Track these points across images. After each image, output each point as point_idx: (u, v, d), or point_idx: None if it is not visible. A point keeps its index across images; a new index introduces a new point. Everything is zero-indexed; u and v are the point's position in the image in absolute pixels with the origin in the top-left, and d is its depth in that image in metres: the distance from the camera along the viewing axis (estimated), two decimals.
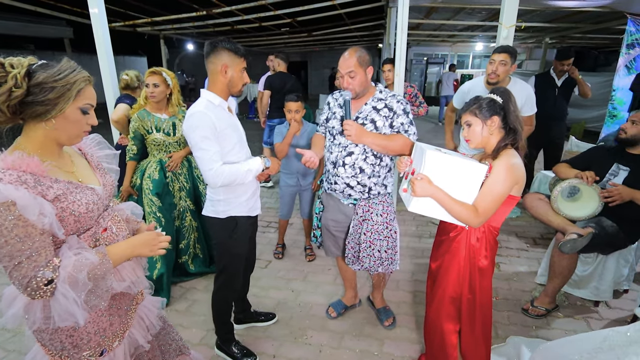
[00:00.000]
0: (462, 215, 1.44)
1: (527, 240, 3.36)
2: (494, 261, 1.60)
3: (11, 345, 2.11)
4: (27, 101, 0.95)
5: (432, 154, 1.45)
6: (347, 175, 1.90)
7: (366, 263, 2.02)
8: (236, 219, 1.77)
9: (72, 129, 1.04)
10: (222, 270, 1.86)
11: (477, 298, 1.58)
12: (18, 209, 0.90)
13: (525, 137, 1.87)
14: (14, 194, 0.90)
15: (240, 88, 1.69)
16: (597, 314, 2.35)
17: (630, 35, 4.43)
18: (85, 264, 0.98)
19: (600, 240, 2.12)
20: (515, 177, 1.44)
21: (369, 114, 1.85)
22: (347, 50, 1.80)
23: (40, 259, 0.93)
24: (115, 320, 1.17)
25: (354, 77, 1.78)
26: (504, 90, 1.54)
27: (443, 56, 15.02)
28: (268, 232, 3.58)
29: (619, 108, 4.66)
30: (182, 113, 2.58)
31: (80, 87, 1.00)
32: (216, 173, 1.56)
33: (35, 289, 0.92)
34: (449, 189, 1.45)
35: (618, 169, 2.22)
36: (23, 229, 0.91)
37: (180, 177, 2.64)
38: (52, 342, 1.09)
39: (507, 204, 1.51)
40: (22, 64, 0.94)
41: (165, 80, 2.44)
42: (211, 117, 1.56)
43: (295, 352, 2.07)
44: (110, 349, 1.16)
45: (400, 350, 2.07)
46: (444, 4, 4.96)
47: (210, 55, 1.60)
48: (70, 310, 0.96)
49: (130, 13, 5.88)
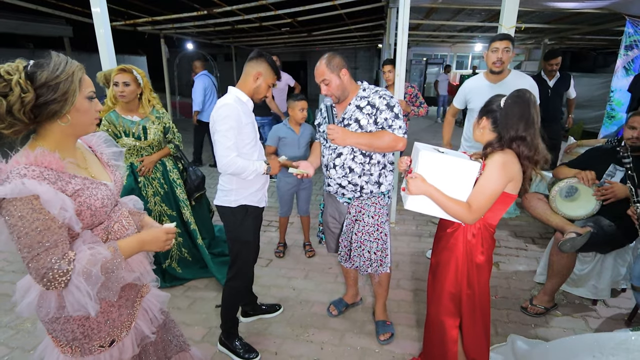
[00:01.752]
0: (455, 212, 1.48)
1: (526, 239, 3.39)
2: (491, 258, 1.61)
3: (14, 343, 2.13)
4: (39, 103, 0.96)
5: (425, 153, 1.50)
6: (338, 176, 1.95)
7: (357, 262, 2.05)
8: (247, 208, 1.90)
9: (85, 118, 1.07)
10: (236, 258, 1.95)
11: (476, 293, 1.60)
12: (41, 203, 0.94)
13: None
14: (38, 188, 0.93)
15: (261, 97, 1.87)
16: (595, 312, 2.38)
17: (628, 37, 4.46)
18: (98, 258, 1.01)
19: (598, 240, 2.15)
20: (508, 174, 1.45)
21: (353, 113, 1.88)
22: (319, 59, 1.88)
23: (57, 251, 0.97)
24: (123, 311, 1.21)
25: (328, 83, 1.86)
26: (515, 97, 1.46)
27: (442, 57, 15.05)
28: (269, 231, 3.60)
29: (617, 109, 4.69)
30: (156, 114, 2.45)
31: (79, 76, 1.02)
32: (230, 161, 1.72)
33: (51, 280, 0.96)
34: (443, 186, 1.50)
35: (615, 170, 2.25)
36: (43, 222, 0.95)
37: (154, 182, 2.54)
38: (64, 332, 1.11)
39: (502, 201, 1.51)
40: (17, 68, 0.94)
41: (137, 79, 2.29)
42: (239, 111, 1.73)
43: (297, 349, 2.09)
44: (119, 339, 1.20)
45: (401, 348, 2.10)
46: (443, 5, 4.98)
47: (253, 60, 1.80)
48: (82, 302, 0.99)
49: (131, 12, 5.88)
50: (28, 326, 2.26)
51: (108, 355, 1.17)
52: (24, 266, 0.96)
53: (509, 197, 1.51)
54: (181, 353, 1.50)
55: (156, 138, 2.45)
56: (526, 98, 1.45)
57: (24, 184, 0.91)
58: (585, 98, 7.36)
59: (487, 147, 1.52)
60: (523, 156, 1.47)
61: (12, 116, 0.93)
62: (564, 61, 4.10)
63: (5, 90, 0.92)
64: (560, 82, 3.89)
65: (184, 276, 2.70)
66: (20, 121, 0.95)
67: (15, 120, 0.94)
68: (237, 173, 1.76)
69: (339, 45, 12.37)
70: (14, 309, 2.39)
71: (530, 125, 1.44)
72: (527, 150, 1.46)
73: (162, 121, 2.49)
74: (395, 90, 3.29)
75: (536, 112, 1.46)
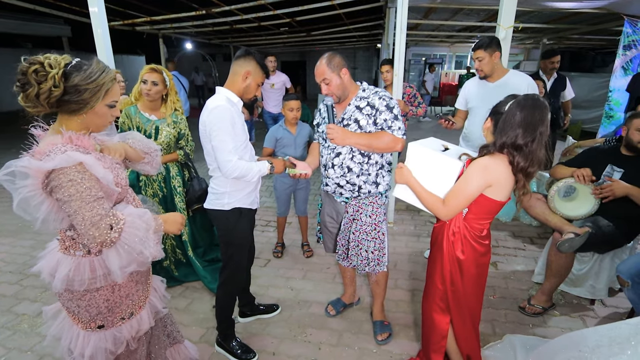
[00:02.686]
0: (431, 205, 1.55)
1: (523, 239, 3.39)
2: (479, 261, 1.56)
3: (11, 343, 2.12)
4: (63, 99, 1.10)
5: (413, 146, 1.61)
6: (336, 176, 1.95)
7: (354, 261, 2.05)
8: (240, 210, 1.87)
9: (100, 121, 1.20)
10: (228, 262, 1.92)
11: (460, 291, 1.59)
12: (86, 167, 1.08)
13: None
14: (81, 157, 1.08)
15: (251, 97, 1.83)
16: (592, 312, 2.38)
17: (626, 37, 4.47)
18: (144, 212, 1.18)
19: (596, 239, 2.15)
20: (487, 178, 1.41)
21: (353, 113, 1.88)
22: (320, 59, 1.87)
23: (106, 204, 1.12)
24: (139, 287, 1.34)
25: (328, 83, 1.85)
26: (522, 101, 1.38)
27: (442, 56, 15.06)
28: (267, 231, 3.60)
29: (615, 109, 4.70)
30: (174, 118, 2.47)
31: (108, 87, 1.15)
32: (234, 165, 1.70)
33: (105, 228, 1.08)
34: (427, 180, 1.58)
35: (612, 170, 2.25)
36: (90, 182, 1.09)
37: (154, 184, 2.54)
38: (88, 309, 1.22)
39: (483, 205, 1.46)
40: (59, 64, 1.07)
41: (164, 80, 2.37)
42: (232, 112, 1.71)
43: (295, 349, 2.09)
44: (137, 312, 1.34)
45: (399, 347, 2.09)
46: (442, 5, 4.98)
47: (241, 58, 1.76)
48: (137, 248, 1.13)
49: (129, 12, 5.87)
50: (25, 327, 2.25)
51: (129, 326, 1.31)
52: (80, 229, 1.08)
53: (489, 200, 1.45)
54: (175, 345, 1.59)
55: (166, 141, 2.44)
56: (534, 104, 1.34)
57: (69, 156, 1.05)
58: (584, 98, 7.37)
59: (482, 149, 1.49)
60: (518, 167, 1.37)
61: (37, 101, 1.07)
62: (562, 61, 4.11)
63: (41, 79, 1.05)
64: (558, 82, 3.92)
65: (180, 278, 2.70)
66: (43, 107, 1.09)
67: (39, 104, 1.08)
68: (242, 176, 1.74)
69: (337, 45, 12.37)
70: (12, 309, 2.40)
71: (530, 133, 1.33)
72: (523, 162, 1.36)
73: (178, 126, 2.50)
74: (393, 90, 3.29)
75: (542, 121, 1.34)
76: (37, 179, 1.05)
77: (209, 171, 1.85)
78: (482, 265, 1.59)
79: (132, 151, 1.40)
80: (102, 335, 1.27)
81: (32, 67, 1.04)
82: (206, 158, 1.82)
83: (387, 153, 1.96)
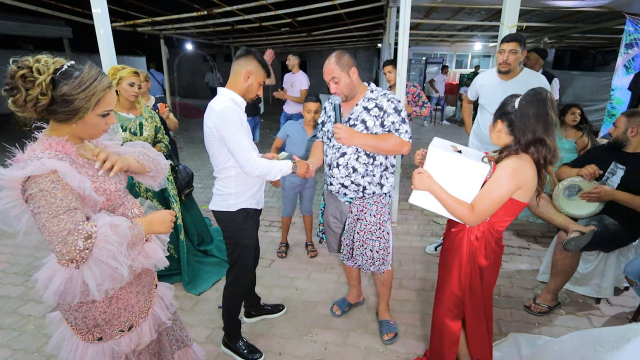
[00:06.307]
0: (457, 212, 1.46)
1: (528, 238, 3.38)
2: (497, 263, 1.57)
3: (18, 344, 2.12)
4: (51, 109, 1.04)
5: (435, 150, 1.49)
6: (341, 176, 1.94)
7: (359, 261, 2.05)
8: (247, 211, 1.86)
9: (92, 130, 1.13)
10: (235, 263, 1.92)
11: (480, 297, 1.57)
12: (60, 176, 1.00)
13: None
14: (55, 164, 1.00)
15: (253, 97, 1.80)
16: (598, 311, 2.38)
17: (628, 35, 4.47)
18: (120, 222, 1.07)
19: (602, 238, 2.15)
20: (518, 181, 1.40)
21: (360, 114, 1.87)
22: (328, 57, 1.85)
23: (77, 216, 1.00)
24: (140, 297, 1.27)
25: (337, 81, 1.84)
26: (530, 96, 1.40)
27: (442, 56, 15.05)
28: (271, 232, 3.60)
29: (617, 107, 4.70)
30: (148, 113, 2.59)
31: (99, 97, 1.07)
32: (255, 163, 1.68)
33: (73, 244, 0.96)
34: (450, 185, 1.48)
35: (616, 167, 2.25)
36: (63, 192, 1.00)
37: None
38: (86, 320, 1.16)
39: (510, 209, 1.46)
40: (48, 69, 1.01)
41: (146, 82, 2.56)
42: (239, 111, 1.70)
43: (301, 349, 2.09)
44: (137, 325, 1.27)
45: (405, 347, 2.09)
46: (443, 4, 4.98)
47: (242, 58, 1.74)
48: (111, 264, 1.01)
49: (130, 13, 5.88)
50: (31, 328, 2.25)
51: (128, 339, 1.24)
52: (48, 244, 0.98)
53: (517, 204, 1.45)
54: (184, 349, 1.54)
55: (150, 135, 2.56)
56: (542, 97, 1.36)
57: (42, 163, 0.98)
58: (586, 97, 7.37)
59: (504, 150, 1.47)
60: (545, 161, 1.40)
61: (24, 107, 1.02)
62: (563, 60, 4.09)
63: (29, 85, 0.99)
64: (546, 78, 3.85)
65: (163, 273, 2.68)
66: (31, 113, 1.04)
67: (27, 110, 1.03)
68: (264, 174, 1.73)
69: (338, 45, 12.36)
70: (17, 310, 2.40)
71: (549, 125, 1.36)
72: (549, 154, 1.39)
73: (154, 120, 2.61)
74: (397, 90, 3.28)
75: (554, 111, 1.38)
76: (14, 189, 0.99)
77: (214, 172, 1.85)
78: (498, 267, 1.60)
79: (137, 166, 1.32)
80: (100, 348, 1.21)
81: (20, 71, 0.99)
82: (211, 161, 1.81)
83: (391, 155, 1.96)
